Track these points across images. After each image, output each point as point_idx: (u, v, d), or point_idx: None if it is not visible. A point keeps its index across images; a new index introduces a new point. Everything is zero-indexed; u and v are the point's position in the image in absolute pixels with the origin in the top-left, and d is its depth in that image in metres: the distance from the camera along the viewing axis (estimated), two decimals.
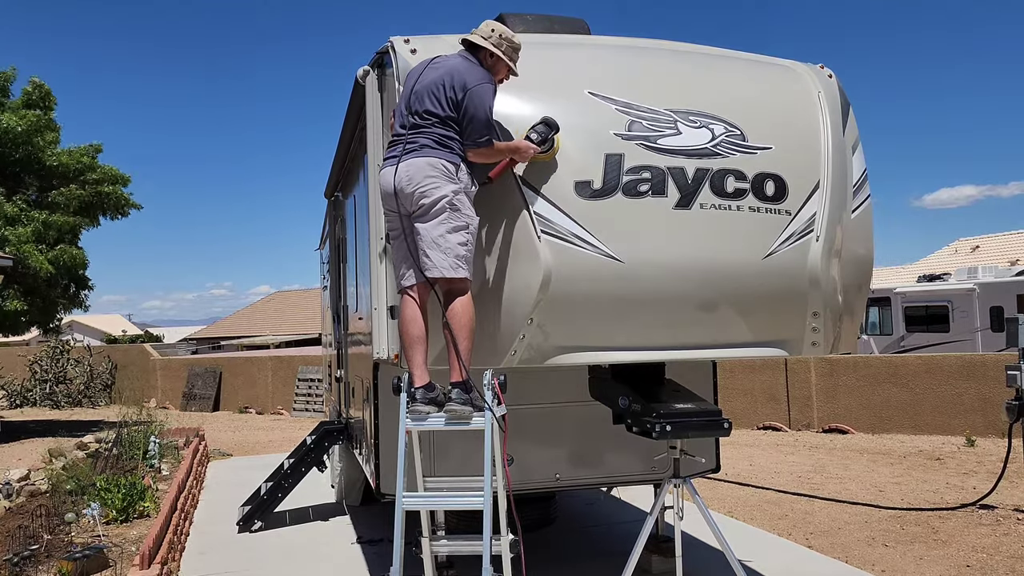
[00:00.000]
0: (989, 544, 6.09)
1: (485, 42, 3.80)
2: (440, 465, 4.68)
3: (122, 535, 6.24)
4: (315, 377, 19.20)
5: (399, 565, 3.60)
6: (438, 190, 3.62)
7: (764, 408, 13.90)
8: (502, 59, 3.81)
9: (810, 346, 4.30)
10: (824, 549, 6.00)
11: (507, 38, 3.82)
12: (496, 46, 3.80)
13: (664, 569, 4.81)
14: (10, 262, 13.79)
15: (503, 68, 3.85)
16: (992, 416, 11.57)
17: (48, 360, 23.32)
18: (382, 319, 4.04)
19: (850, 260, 4.31)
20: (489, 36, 3.81)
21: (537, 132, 3.76)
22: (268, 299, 50.61)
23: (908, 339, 17.98)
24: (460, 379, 3.68)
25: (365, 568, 5.57)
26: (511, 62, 3.84)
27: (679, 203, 3.92)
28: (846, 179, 4.34)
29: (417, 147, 3.69)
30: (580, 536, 6.32)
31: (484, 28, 3.85)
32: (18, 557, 5.36)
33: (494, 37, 3.81)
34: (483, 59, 3.83)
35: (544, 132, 3.77)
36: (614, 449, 5.10)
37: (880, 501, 7.70)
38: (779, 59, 4.66)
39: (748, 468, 9.74)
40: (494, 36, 3.81)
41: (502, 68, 3.85)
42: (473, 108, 3.66)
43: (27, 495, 7.62)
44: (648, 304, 3.92)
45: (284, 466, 7.08)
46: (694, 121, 4.03)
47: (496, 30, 3.83)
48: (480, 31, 3.85)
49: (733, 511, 7.36)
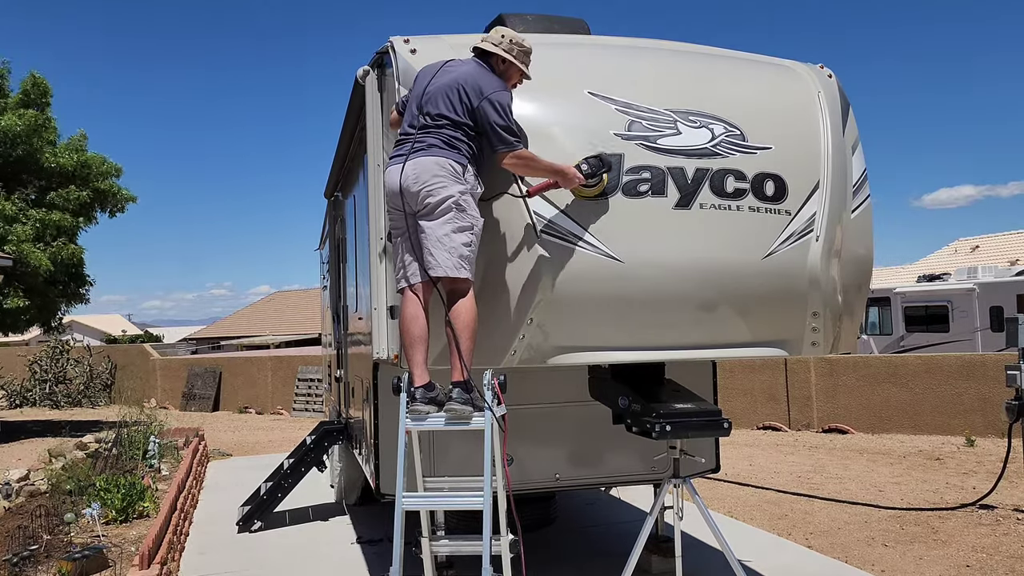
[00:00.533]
0: (989, 544, 6.10)
1: (496, 48, 3.82)
2: (440, 465, 4.68)
3: (122, 535, 6.24)
4: (315, 377, 19.20)
5: (399, 565, 3.60)
6: (444, 190, 3.63)
7: (764, 408, 13.90)
8: (514, 64, 3.84)
9: (810, 346, 4.30)
10: (824, 549, 6.00)
11: (518, 43, 3.84)
12: (507, 51, 3.82)
13: (664, 569, 4.81)
14: (10, 262, 13.79)
15: (515, 73, 3.87)
16: (992, 416, 11.57)
17: (48, 360, 23.32)
18: (382, 319, 4.03)
19: (850, 260, 4.31)
20: (500, 42, 3.83)
21: (589, 164, 3.75)
22: (268, 299, 50.61)
23: (908, 339, 17.98)
24: (461, 379, 3.68)
25: (365, 568, 5.57)
26: (523, 66, 3.86)
27: (679, 203, 3.92)
28: (846, 179, 4.35)
29: (425, 146, 3.70)
30: (580, 536, 6.32)
31: (494, 35, 3.87)
32: (17, 557, 5.35)
33: (504, 43, 3.83)
34: (495, 65, 3.84)
35: (596, 166, 3.76)
36: (614, 449, 5.10)
37: (880, 501, 7.70)
38: (779, 59, 4.67)
39: (748, 468, 9.74)
40: (504, 42, 3.83)
41: (514, 73, 3.87)
42: (494, 114, 3.65)
43: (26, 495, 7.62)
44: (648, 304, 3.92)
45: (284, 466, 7.08)
46: (694, 121, 4.03)
47: (506, 36, 3.85)
48: (491, 38, 3.87)
49: (733, 511, 7.36)
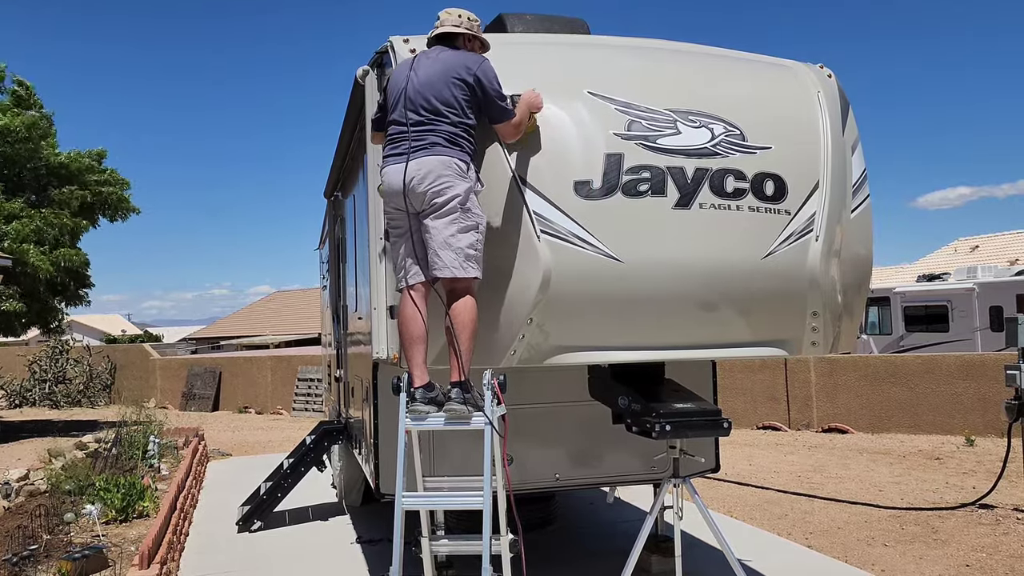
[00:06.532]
0: (989, 544, 6.10)
1: (459, 28, 3.88)
2: (440, 465, 4.68)
3: (121, 535, 6.24)
4: (315, 377, 19.19)
5: (399, 565, 3.60)
6: (452, 189, 3.63)
7: (764, 408, 13.90)
8: (477, 37, 3.92)
9: (809, 346, 4.30)
10: (824, 549, 6.00)
11: (469, 16, 3.92)
12: (468, 28, 3.89)
13: (664, 569, 4.81)
14: (9, 262, 13.78)
15: (478, 46, 3.95)
16: (991, 416, 11.57)
17: (47, 360, 23.30)
18: (381, 319, 4.03)
19: (849, 260, 4.31)
20: (460, 22, 3.89)
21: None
22: (268, 299, 50.60)
23: (908, 339, 17.98)
24: (460, 379, 3.67)
25: (365, 568, 5.57)
26: (482, 37, 3.95)
27: (679, 203, 3.91)
28: (845, 179, 4.34)
29: (427, 144, 3.68)
30: (580, 536, 6.32)
31: (448, 18, 3.91)
32: (17, 557, 5.35)
33: (464, 21, 3.90)
34: (462, 45, 3.90)
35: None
36: (614, 449, 5.09)
37: (880, 501, 7.70)
38: (779, 59, 4.66)
39: (748, 468, 9.74)
40: (464, 20, 3.90)
41: (477, 46, 3.94)
42: (494, 83, 3.72)
43: (26, 495, 7.62)
44: (647, 304, 3.91)
45: (284, 466, 7.08)
46: (693, 121, 4.02)
47: (461, 15, 3.91)
48: (449, 20, 3.90)
49: (733, 511, 7.36)
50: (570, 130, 3.89)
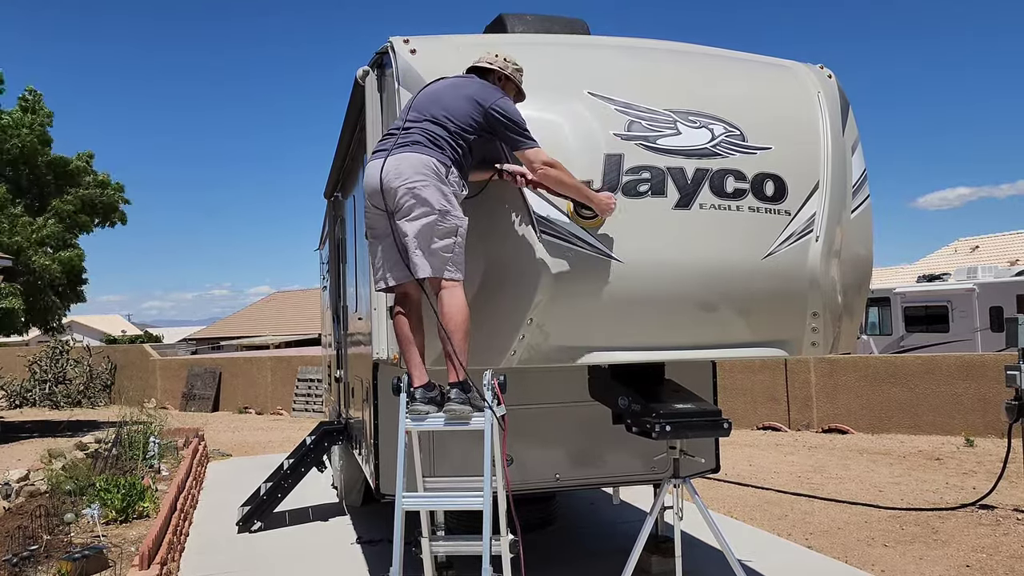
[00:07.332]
0: (989, 544, 6.10)
1: (492, 65, 3.85)
2: (440, 465, 4.68)
3: (121, 535, 6.24)
4: (315, 377, 19.19)
5: (399, 565, 3.60)
6: (425, 190, 3.54)
7: (764, 408, 13.90)
8: (511, 81, 3.87)
9: (810, 346, 4.30)
10: (824, 549, 6.00)
11: (511, 61, 3.88)
12: (502, 68, 3.85)
13: (664, 569, 4.81)
14: (9, 262, 13.79)
15: (511, 89, 3.88)
16: (991, 416, 11.58)
17: (48, 360, 23.30)
18: (381, 319, 4.03)
19: (849, 260, 4.31)
20: (494, 60, 3.86)
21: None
22: (268, 299, 50.58)
23: (908, 339, 17.97)
24: (458, 379, 3.67)
25: (365, 568, 5.57)
26: (518, 83, 3.89)
27: (679, 203, 3.92)
28: (845, 179, 4.34)
29: (409, 143, 3.63)
30: (580, 536, 6.32)
31: (487, 55, 3.89)
32: (17, 558, 5.35)
33: (499, 60, 3.86)
34: (492, 82, 3.86)
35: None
36: (614, 449, 5.10)
37: (880, 501, 7.70)
38: (779, 59, 4.66)
39: (748, 468, 9.74)
40: (499, 60, 3.86)
41: (510, 90, 3.88)
42: (513, 114, 3.69)
43: (26, 495, 7.62)
44: (648, 304, 3.91)
45: (284, 466, 7.08)
46: (693, 121, 4.03)
47: (500, 54, 3.88)
48: (485, 57, 3.88)
49: (733, 511, 7.36)
50: (570, 130, 3.89)
